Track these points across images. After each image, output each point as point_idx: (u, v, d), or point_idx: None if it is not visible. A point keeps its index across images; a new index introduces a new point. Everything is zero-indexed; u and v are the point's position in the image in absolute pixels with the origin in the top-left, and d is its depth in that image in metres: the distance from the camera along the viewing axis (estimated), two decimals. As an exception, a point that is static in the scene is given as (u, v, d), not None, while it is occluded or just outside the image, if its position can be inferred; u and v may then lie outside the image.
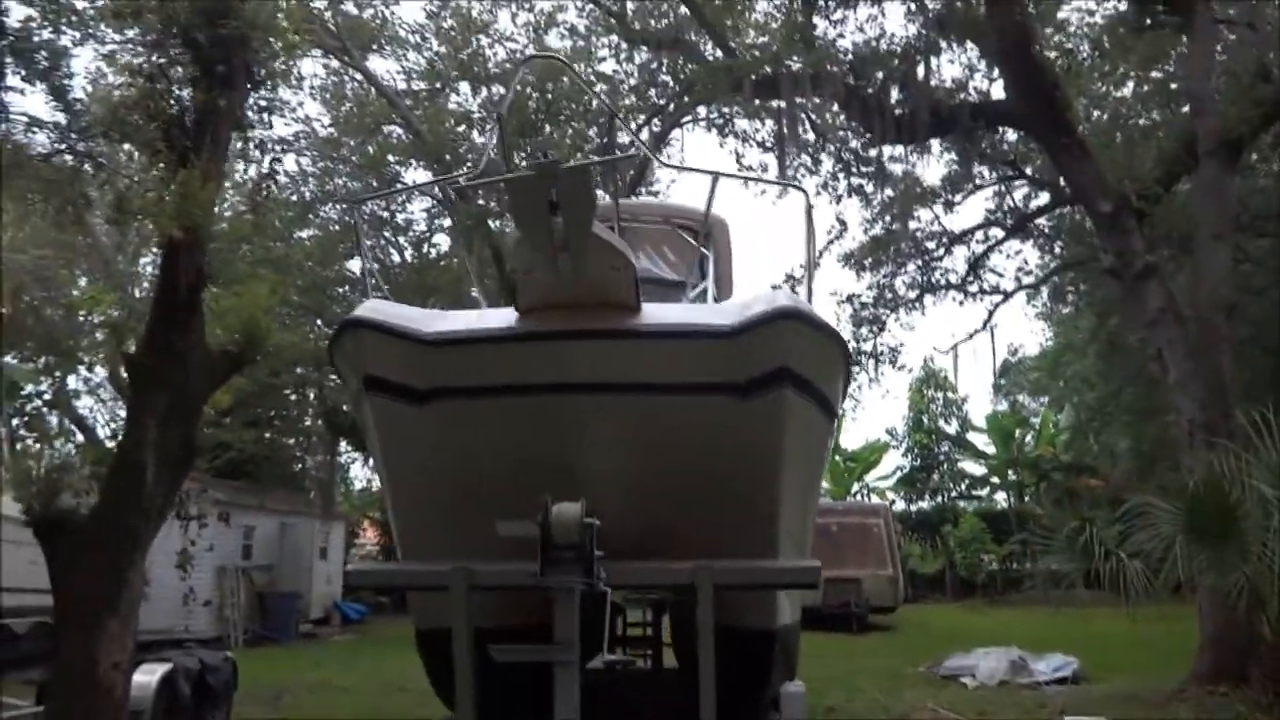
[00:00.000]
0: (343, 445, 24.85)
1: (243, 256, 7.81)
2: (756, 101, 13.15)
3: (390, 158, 21.19)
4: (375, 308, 4.45)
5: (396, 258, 23.62)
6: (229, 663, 10.61)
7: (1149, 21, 14.00)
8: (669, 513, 4.29)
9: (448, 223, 23.13)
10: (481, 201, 17.69)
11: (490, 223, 17.39)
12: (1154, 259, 11.79)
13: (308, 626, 21.76)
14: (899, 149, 15.87)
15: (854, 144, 16.51)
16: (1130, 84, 17.43)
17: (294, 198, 19.87)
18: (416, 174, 22.64)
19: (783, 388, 4.35)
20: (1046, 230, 19.12)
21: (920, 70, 12.24)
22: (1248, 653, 10.54)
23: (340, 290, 22.39)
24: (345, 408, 22.20)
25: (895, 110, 11.94)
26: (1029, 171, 17.79)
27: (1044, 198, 18.75)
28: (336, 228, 21.12)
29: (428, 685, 13.23)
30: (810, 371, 4.47)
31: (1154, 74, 16.87)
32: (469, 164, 19.19)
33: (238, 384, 10.35)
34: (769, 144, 17.41)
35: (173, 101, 7.46)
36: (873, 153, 16.30)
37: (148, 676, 8.52)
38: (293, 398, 23.40)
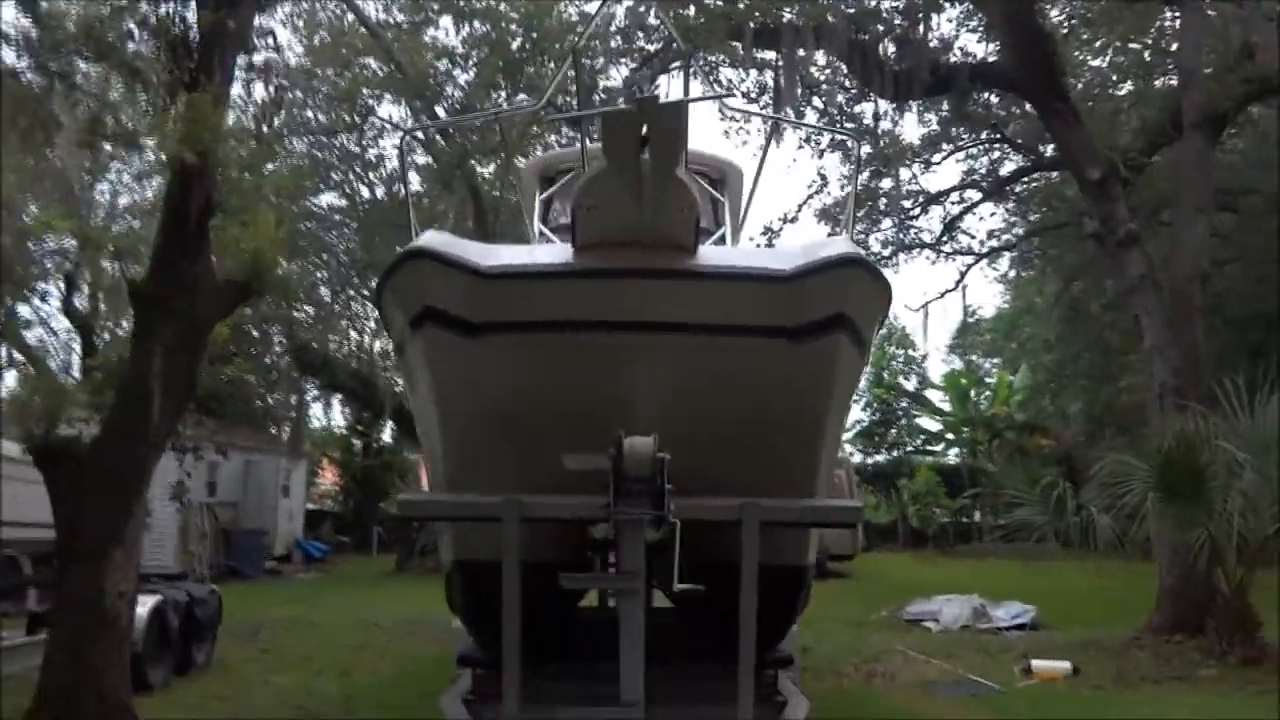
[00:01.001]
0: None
1: (251, 184, 7.64)
2: (754, 52, 13.08)
3: (365, 90, 20.74)
4: (435, 239, 4.44)
5: (366, 194, 23.21)
6: (215, 596, 10.63)
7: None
8: (715, 451, 4.37)
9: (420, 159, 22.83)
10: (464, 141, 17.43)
11: (472, 162, 17.19)
12: (1136, 227, 12.08)
13: (272, 563, 21.75)
14: (881, 107, 16.00)
15: (840, 99, 16.55)
16: (1108, 55, 17.61)
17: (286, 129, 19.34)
18: (392, 109, 22.23)
19: (838, 334, 4.46)
20: (1021, 195, 19.39)
21: (920, 28, 12.29)
22: (1203, 605, 11.08)
23: (306, 225, 21.97)
24: (313, 343, 22.08)
25: (894, 67, 12.01)
26: (1007, 136, 18.01)
27: (1010, 165, 19.11)
28: (305, 162, 20.67)
29: (399, 621, 13.61)
30: (862, 319, 4.57)
31: (1134, 46, 17.11)
32: (454, 101, 18.92)
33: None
34: (753, 94, 17.42)
35: (178, 21, 7.27)
36: (858, 109, 16.37)
37: (138, 609, 8.50)
38: (256, 334, 23.09)
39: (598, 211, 4.20)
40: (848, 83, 15.71)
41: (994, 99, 15.18)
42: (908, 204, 18.88)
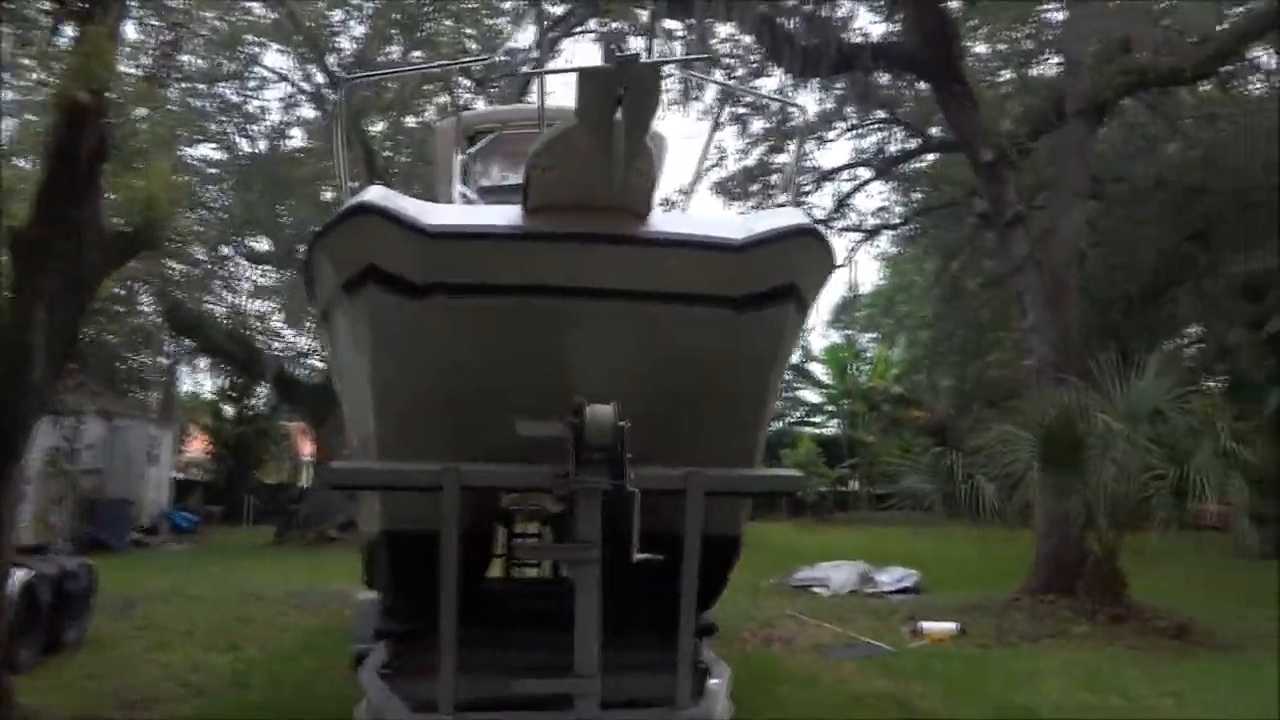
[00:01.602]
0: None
1: (148, 128, 7.14)
2: (664, 20, 12.97)
3: (248, 38, 19.69)
4: (381, 194, 4.21)
5: (246, 147, 22.07)
6: (87, 569, 10.00)
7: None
8: (658, 420, 4.32)
9: (306, 113, 21.85)
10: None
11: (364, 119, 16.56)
12: (1022, 209, 12.58)
13: (138, 534, 20.67)
14: (780, 81, 16.16)
15: (740, 72, 16.64)
16: (993, 42, 18.22)
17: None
18: (276, 58, 21.20)
19: (787, 304, 4.46)
20: (908, 175, 19.95)
21: (827, 6, 12.44)
22: (1076, 568, 11.76)
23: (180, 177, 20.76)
24: (187, 302, 20.93)
25: (802, 42, 12.11)
26: (898, 116, 18.48)
27: (896, 145, 19.64)
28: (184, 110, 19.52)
29: (283, 593, 13.15)
30: (809, 288, 4.59)
31: (1017, 35, 17.75)
32: (347, 55, 18.19)
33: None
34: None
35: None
36: (757, 83, 16.48)
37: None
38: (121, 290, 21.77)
39: (554, 173, 4.06)
40: (750, 55, 15.80)
41: (885, 79, 15.50)
42: (802, 180, 19.15)
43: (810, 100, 17.76)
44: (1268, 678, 8.58)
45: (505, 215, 4.39)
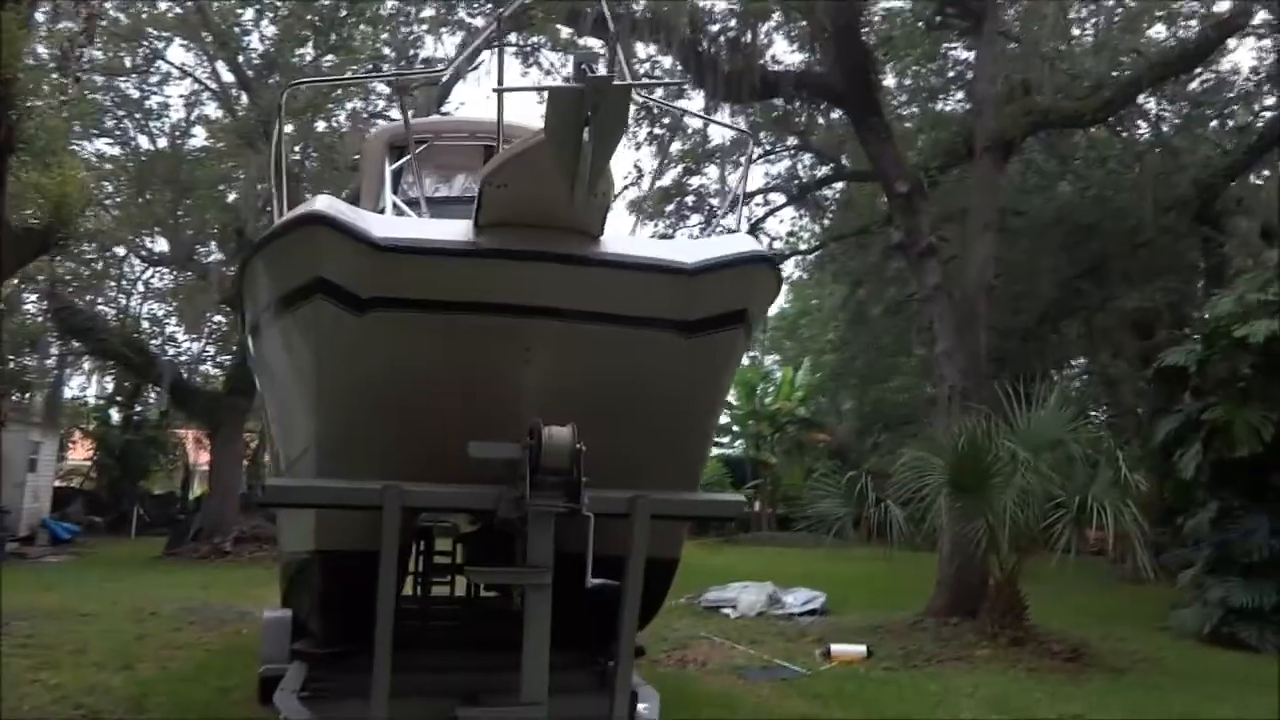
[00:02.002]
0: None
1: (60, 120, 6.78)
2: (583, 39, 13.02)
3: (152, 31, 18.98)
4: (330, 204, 4.08)
5: (146, 144, 21.19)
6: (-34, 584, 9.41)
7: (939, 20, 15.24)
8: (601, 442, 4.29)
9: (210, 112, 21.13)
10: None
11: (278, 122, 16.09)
12: (934, 240, 13.00)
13: (14, 545, 19.53)
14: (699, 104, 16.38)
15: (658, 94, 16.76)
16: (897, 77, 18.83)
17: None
18: (182, 55, 20.50)
19: (736, 329, 4.49)
20: (819, 201, 20.41)
21: (749, 35, 12.65)
22: (977, 591, 12.12)
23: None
24: (78, 302, 19.92)
25: (726, 69, 12.29)
26: (812, 145, 18.92)
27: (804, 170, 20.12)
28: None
29: (178, 609, 12.59)
30: (758, 313, 4.64)
31: (926, 69, 18.41)
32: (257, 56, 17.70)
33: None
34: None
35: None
36: (679, 103, 16.63)
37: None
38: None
39: (509, 190, 4.01)
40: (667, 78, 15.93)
41: (797, 107, 15.85)
42: (715, 202, 19.43)
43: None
44: (1158, 700, 9.03)
45: (454, 230, 4.31)
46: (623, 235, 4.66)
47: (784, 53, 23.12)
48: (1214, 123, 19.26)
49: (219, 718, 7.50)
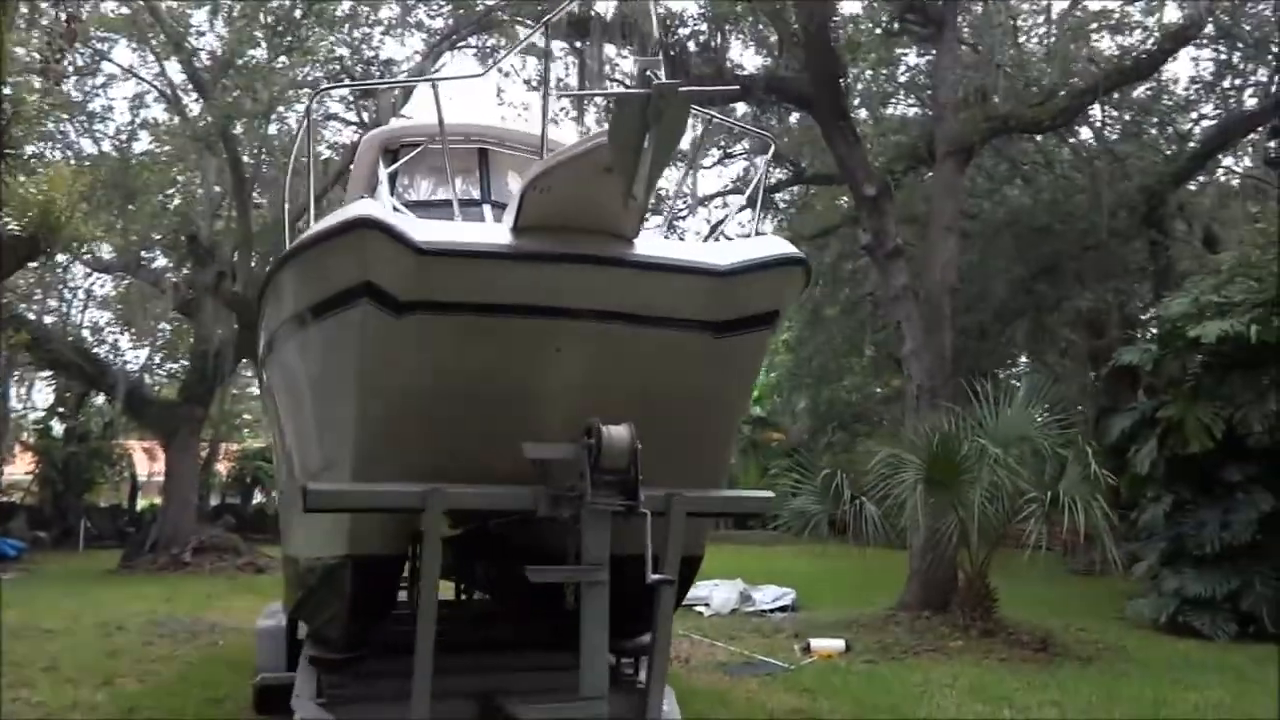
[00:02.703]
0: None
1: (46, 123, 6.65)
2: (555, 43, 13.04)
3: (97, 31, 18.51)
4: (375, 208, 4.08)
5: (91, 148, 20.64)
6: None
7: (897, 27, 15.59)
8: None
9: (155, 115, 20.67)
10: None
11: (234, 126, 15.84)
12: (901, 242, 13.29)
13: (-42, 562, 18.91)
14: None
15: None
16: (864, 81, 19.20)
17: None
18: (127, 56, 20.00)
19: (766, 329, 4.61)
20: (779, 205, 20.69)
21: (720, 37, 12.83)
22: (948, 585, 12.43)
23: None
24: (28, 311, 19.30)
25: (698, 71, 12.43)
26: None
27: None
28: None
29: (145, 623, 12.34)
30: (787, 310, 4.76)
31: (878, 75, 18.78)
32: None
33: None
34: (534, 83, 17.46)
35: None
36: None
37: None
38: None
39: (550, 195, 4.08)
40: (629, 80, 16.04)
41: (765, 111, 16.07)
42: (678, 204, 19.54)
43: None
44: (1128, 688, 9.36)
45: (491, 233, 4.36)
46: (653, 237, 4.74)
47: (748, 57, 23.29)
48: (1154, 130, 19.95)
49: (214, 729, 7.39)
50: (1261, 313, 12.74)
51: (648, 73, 3.41)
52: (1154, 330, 16.80)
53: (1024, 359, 26.18)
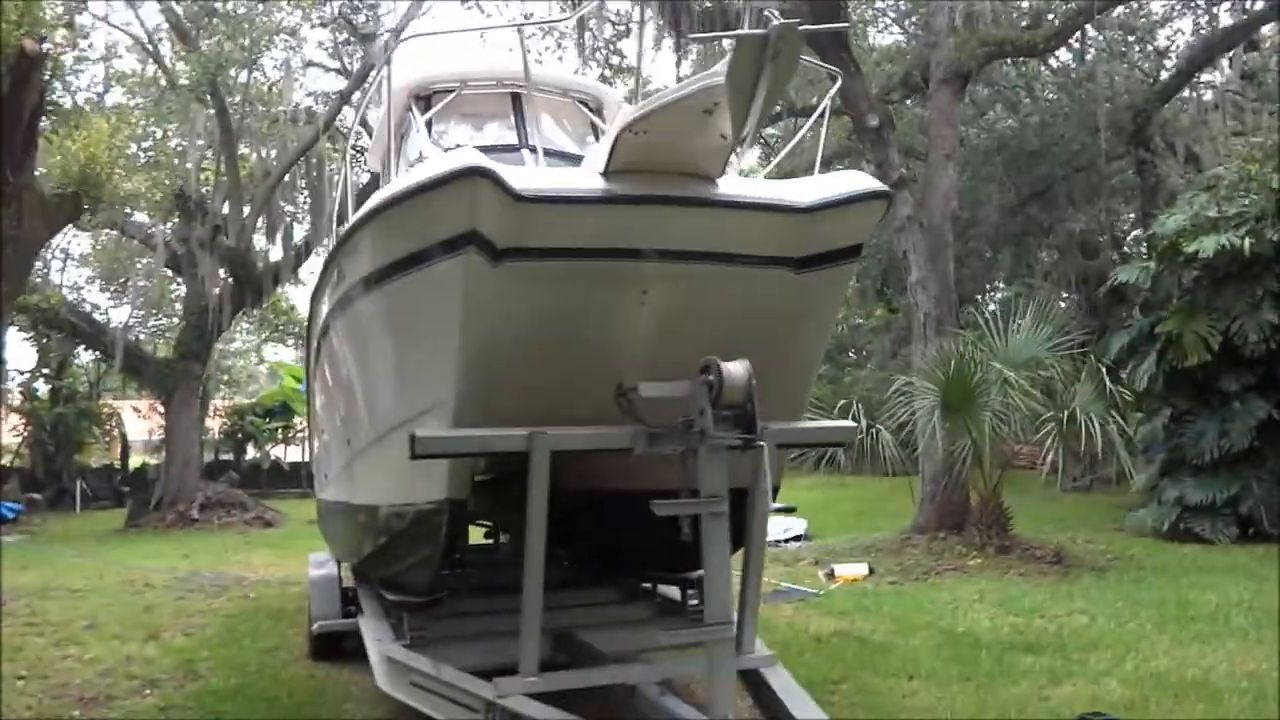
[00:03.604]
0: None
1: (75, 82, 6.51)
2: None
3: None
4: (481, 156, 4.08)
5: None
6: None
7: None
8: None
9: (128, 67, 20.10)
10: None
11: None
12: (904, 171, 13.34)
13: (-41, 529, 18.81)
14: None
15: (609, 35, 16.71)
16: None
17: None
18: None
19: (850, 264, 4.70)
20: (769, 140, 20.63)
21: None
22: (960, 507, 12.77)
23: None
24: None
25: (699, 7, 12.31)
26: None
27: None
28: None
29: (170, 579, 12.44)
30: (866, 243, 4.85)
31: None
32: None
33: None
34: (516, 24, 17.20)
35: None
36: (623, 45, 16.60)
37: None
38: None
39: (645, 138, 4.11)
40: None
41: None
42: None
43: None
44: (1149, 592, 9.75)
45: (581, 178, 4.39)
46: (734, 177, 4.79)
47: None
48: (1136, 49, 20.03)
49: (276, 677, 7.52)
50: (1256, 226, 13.01)
51: (765, 12, 3.43)
52: (1144, 248, 17.09)
53: (1002, 285, 26.56)
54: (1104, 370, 11.05)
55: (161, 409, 21.84)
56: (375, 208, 4.42)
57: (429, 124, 7.26)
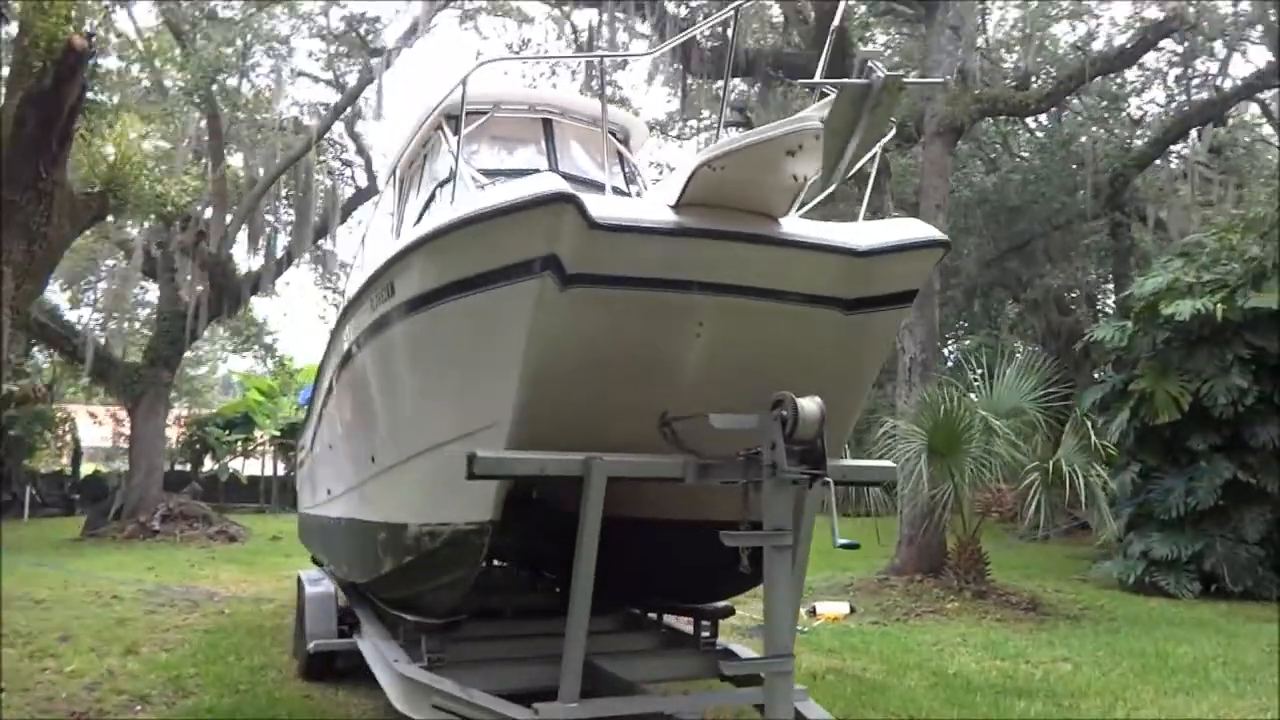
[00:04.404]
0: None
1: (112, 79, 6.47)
2: (565, 7, 12.98)
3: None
4: (562, 181, 4.13)
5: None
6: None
7: (882, 7, 15.88)
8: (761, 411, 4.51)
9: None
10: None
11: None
12: (900, 217, 13.61)
13: (-93, 531, 18.13)
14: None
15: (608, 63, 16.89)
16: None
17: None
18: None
19: (901, 308, 4.82)
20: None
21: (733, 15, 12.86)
22: (938, 551, 12.94)
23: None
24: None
25: (708, 47, 12.53)
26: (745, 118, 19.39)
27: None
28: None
29: (137, 591, 12.14)
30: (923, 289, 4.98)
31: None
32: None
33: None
34: (516, 47, 17.44)
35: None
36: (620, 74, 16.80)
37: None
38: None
39: (723, 174, 4.21)
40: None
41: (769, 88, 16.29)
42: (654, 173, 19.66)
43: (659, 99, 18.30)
44: (1126, 643, 9.94)
45: (652, 209, 4.47)
46: (800, 219, 4.90)
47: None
48: (1111, 116, 20.71)
49: (270, 696, 7.38)
50: (1227, 293, 13.48)
51: (869, 63, 3.56)
52: (1113, 307, 17.58)
53: (968, 339, 27.08)
54: (1089, 424, 11.30)
55: (124, 416, 21.34)
56: (442, 228, 4.45)
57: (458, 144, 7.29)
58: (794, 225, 4.71)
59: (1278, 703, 7.46)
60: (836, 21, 8.49)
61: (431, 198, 7.20)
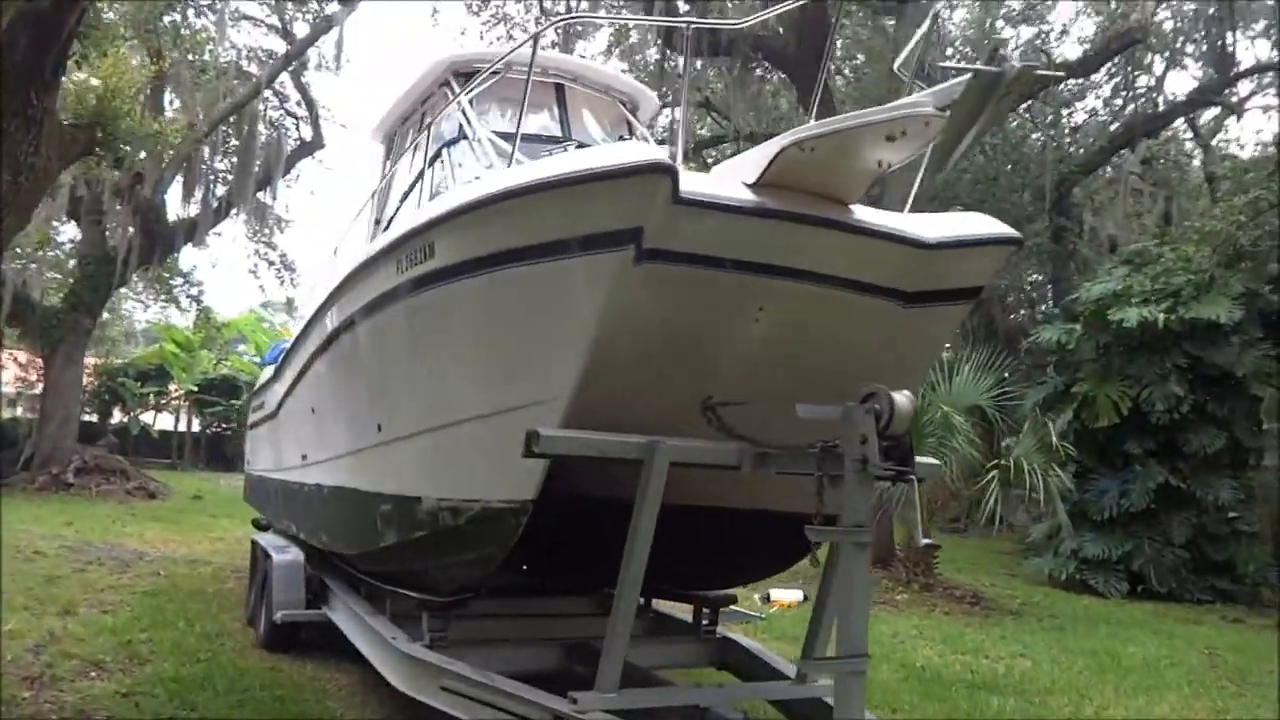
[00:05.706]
0: None
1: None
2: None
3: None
4: (659, 151, 3.91)
5: None
6: None
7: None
8: (814, 400, 4.40)
9: None
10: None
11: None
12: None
13: None
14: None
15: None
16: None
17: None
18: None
19: (962, 305, 4.75)
20: (706, 160, 20.80)
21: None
22: (887, 544, 13.12)
23: None
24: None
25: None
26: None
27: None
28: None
29: (59, 547, 11.48)
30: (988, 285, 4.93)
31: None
32: None
33: None
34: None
35: None
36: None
37: None
38: None
39: (811, 155, 4.06)
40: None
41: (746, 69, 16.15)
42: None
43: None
44: (1073, 641, 10.20)
45: (731, 187, 4.29)
46: (868, 209, 4.77)
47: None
48: (1060, 120, 21.24)
49: (237, 665, 7.02)
50: (1171, 303, 13.92)
51: (1000, 51, 3.45)
52: (1054, 308, 18.03)
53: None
54: (1050, 424, 11.56)
55: (29, 361, 20.19)
56: (513, 189, 4.19)
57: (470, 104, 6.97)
58: (864, 213, 4.60)
59: (1235, 705, 7.74)
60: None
61: (437, 156, 6.87)
